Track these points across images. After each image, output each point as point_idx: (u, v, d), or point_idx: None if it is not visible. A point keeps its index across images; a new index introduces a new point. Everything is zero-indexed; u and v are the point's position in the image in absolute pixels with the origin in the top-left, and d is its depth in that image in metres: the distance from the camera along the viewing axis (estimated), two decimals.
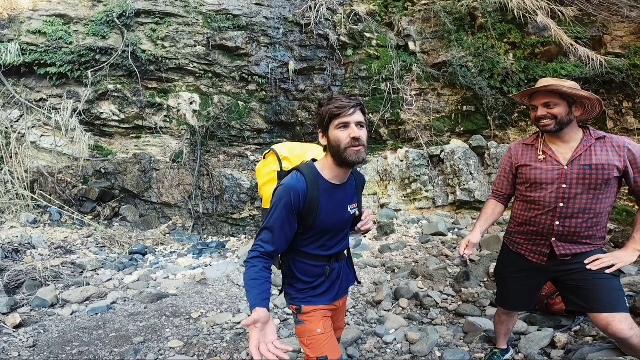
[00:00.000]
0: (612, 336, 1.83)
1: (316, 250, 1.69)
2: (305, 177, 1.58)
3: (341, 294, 1.82)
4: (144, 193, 6.41)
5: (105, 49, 6.35)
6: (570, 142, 1.92)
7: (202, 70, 6.65)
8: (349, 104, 1.55)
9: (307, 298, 1.69)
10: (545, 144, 1.98)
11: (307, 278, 1.70)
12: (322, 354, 1.60)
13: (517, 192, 2.13)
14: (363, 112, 1.61)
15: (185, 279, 4.26)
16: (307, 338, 1.65)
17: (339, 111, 1.54)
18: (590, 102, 1.89)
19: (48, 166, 6.25)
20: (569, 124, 1.90)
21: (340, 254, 1.81)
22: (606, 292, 1.83)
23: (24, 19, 6.38)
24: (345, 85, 6.69)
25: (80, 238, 5.29)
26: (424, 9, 6.73)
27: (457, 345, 2.81)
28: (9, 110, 6.28)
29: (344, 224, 1.74)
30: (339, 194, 1.67)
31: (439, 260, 4.38)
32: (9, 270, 3.98)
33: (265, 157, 1.92)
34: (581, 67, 5.81)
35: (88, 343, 2.92)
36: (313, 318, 1.67)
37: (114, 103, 6.57)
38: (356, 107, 1.57)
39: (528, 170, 2.00)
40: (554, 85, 1.86)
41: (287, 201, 1.54)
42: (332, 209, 1.65)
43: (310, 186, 1.58)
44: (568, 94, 1.86)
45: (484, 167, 6.08)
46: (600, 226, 1.93)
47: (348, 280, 1.88)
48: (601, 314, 1.80)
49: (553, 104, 1.88)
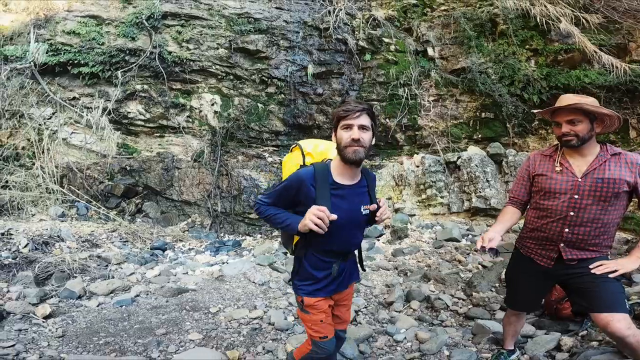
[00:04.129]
0: (610, 335, 1.95)
1: (328, 246, 1.86)
2: (316, 172, 1.80)
3: (340, 289, 2.00)
4: (166, 190, 6.64)
5: (134, 50, 6.61)
6: (587, 156, 2.03)
7: (224, 73, 6.85)
8: (355, 107, 1.72)
9: (310, 291, 1.93)
10: (563, 156, 2.10)
11: (315, 272, 1.90)
12: (323, 335, 1.96)
13: (532, 200, 2.24)
14: (371, 116, 1.76)
15: (203, 275, 4.42)
16: (311, 324, 1.96)
17: (345, 114, 1.72)
18: (610, 118, 2.00)
19: (77, 162, 6.55)
20: (590, 140, 2.01)
21: (350, 254, 1.97)
22: (607, 294, 1.96)
23: (59, 19, 6.69)
24: (363, 89, 6.77)
25: (105, 232, 5.54)
26: (444, 14, 6.75)
27: (465, 345, 2.89)
28: (42, 108, 6.61)
29: (358, 224, 1.89)
30: (351, 196, 1.82)
31: (452, 265, 4.42)
32: (39, 262, 4.13)
33: (292, 151, 2.12)
34: (605, 74, 5.73)
35: (114, 334, 3.05)
36: (316, 310, 1.93)
37: (140, 103, 6.83)
38: (362, 112, 1.72)
39: (544, 180, 2.12)
40: (579, 104, 1.95)
41: (287, 185, 1.84)
42: (345, 209, 1.80)
43: (319, 180, 1.78)
44: (592, 112, 1.96)
45: (501, 175, 6.06)
46: (607, 235, 2.05)
47: (350, 277, 2.04)
48: (601, 313, 1.93)
49: (577, 120, 1.98)
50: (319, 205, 1.73)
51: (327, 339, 1.98)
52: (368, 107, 1.76)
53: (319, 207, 1.71)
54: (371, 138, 1.79)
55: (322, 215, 1.68)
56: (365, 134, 1.73)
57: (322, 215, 1.68)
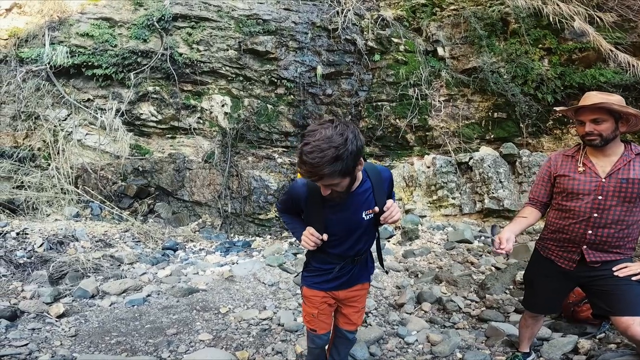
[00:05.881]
0: (630, 338, 1.91)
1: (333, 250, 1.87)
2: (308, 190, 1.79)
3: (343, 287, 1.99)
4: (177, 191, 6.70)
5: (146, 52, 6.70)
6: (611, 156, 1.97)
7: (234, 74, 6.89)
8: (310, 176, 1.51)
9: (310, 283, 2.00)
10: (586, 156, 2.04)
11: (320, 265, 1.96)
12: (312, 327, 2.05)
13: (553, 201, 2.19)
14: (333, 175, 1.49)
15: (213, 275, 4.44)
16: (305, 314, 2.07)
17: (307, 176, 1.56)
18: (635, 118, 1.92)
19: (91, 163, 6.66)
20: (614, 139, 1.94)
21: (359, 256, 1.94)
22: (629, 297, 1.91)
23: (73, 22, 6.80)
24: (373, 90, 6.74)
25: (118, 232, 5.60)
26: (453, 14, 6.68)
27: (478, 347, 2.83)
28: (57, 110, 6.74)
29: (359, 230, 1.84)
30: (349, 204, 1.76)
31: (464, 267, 4.36)
32: (53, 261, 4.18)
33: None
34: (621, 73, 5.61)
35: (125, 334, 3.07)
36: (311, 303, 2.01)
37: (152, 104, 6.91)
38: (319, 179, 1.52)
39: (566, 181, 2.06)
40: (605, 103, 1.88)
41: (286, 199, 1.95)
42: (343, 219, 1.78)
43: (311, 193, 1.77)
44: (618, 111, 1.89)
45: (514, 176, 5.96)
46: (631, 237, 1.99)
47: (358, 278, 2.02)
48: (622, 316, 1.89)
49: (601, 119, 1.91)
50: (313, 221, 1.79)
51: (316, 333, 2.06)
52: (322, 174, 1.47)
53: (310, 229, 1.77)
54: (348, 180, 1.61)
55: (313, 238, 1.75)
56: (335, 186, 1.59)
57: (312, 238, 1.75)
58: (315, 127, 1.50)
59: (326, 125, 1.49)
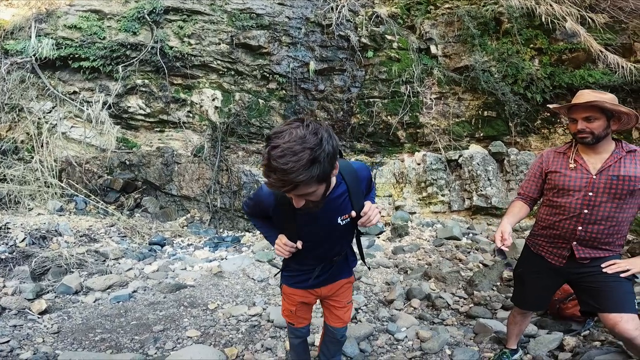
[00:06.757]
0: (618, 335, 1.91)
1: (309, 253, 1.82)
2: (276, 200, 1.65)
3: (323, 285, 1.98)
4: (165, 185, 6.60)
5: (135, 45, 6.56)
6: (602, 154, 1.99)
7: (225, 68, 6.80)
8: (282, 186, 1.31)
9: (291, 282, 2.01)
10: (577, 153, 2.06)
11: (299, 266, 1.93)
12: (290, 321, 2.13)
13: (544, 197, 2.21)
14: (309, 182, 1.31)
15: (202, 270, 4.38)
16: (284, 309, 2.13)
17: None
18: (627, 116, 1.95)
19: (76, 156, 6.51)
20: (606, 137, 1.96)
21: (337, 257, 1.91)
22: (617, 294, 1.93)
23: (61, 14, 6.62)
24: (365, 87, 6.72)
25: (103, 227, 5.49)
26: (447, 12, 6.70)
27: (467, 344, 2.86)
28: (42, 102, 6.56)
29: (336, 235, 1.78)
30: (323, 210, 1.57)
31: (452, 264, 4.39)
32: (35, 256, 4.07)
33: None
34: (609, 74, 5.69)
35: (110, 330, 3.01)
36: (290, 300, 2.05)
37: (141, 97, 6.78)
38: (292, 189, 1.33)
39: (557, 177, 2.08)
40: (597, 101, 1.90)
41: (253, 204, 1.83)
42: (317, 225, 1.68)
43: (280, 203, 1.65)
44: (610, 109, 1.91)
45: (502, 174, 6.02)
46: (620, 234, 2.01)
47: (339, 274, 2.01)
48: (610, 313, 1.90)
49: (593, 118, 1.93)
50: (285, 229, 1.75)
51: (294, 327, 2.13)
52: (293, 183, 1.28)
53: (283, 238, 1.74)
54: (324, 187, 1.44)
55: (287, 248, 1.73)
56: (310, 196, 1.43)
57: (286, 248, 1.73)
58: (283, 127, 1.29)
59: (295, 124, 1.29)
